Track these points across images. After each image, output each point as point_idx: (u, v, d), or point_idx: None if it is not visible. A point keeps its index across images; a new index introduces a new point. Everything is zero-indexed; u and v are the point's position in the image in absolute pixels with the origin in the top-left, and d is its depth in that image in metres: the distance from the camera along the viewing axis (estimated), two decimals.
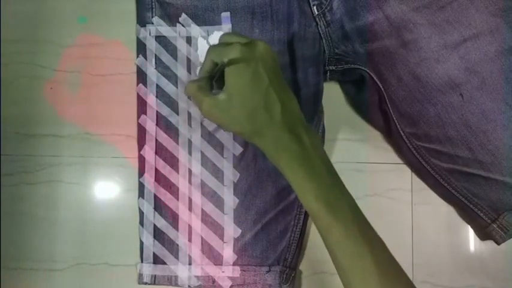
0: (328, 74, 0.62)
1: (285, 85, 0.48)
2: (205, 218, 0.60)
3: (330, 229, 0.43)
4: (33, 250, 0.63)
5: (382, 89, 0.59)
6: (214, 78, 0.49)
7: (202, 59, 0.61)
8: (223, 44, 0.48)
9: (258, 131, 0.46)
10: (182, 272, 0.60)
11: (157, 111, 0.61)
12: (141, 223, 0.61)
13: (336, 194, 0.45)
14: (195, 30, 0.62)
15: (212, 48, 0.49)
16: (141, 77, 0.62)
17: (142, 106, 0.62)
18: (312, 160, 0.45)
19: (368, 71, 0.59)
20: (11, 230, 0.63)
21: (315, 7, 0.60)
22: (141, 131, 0.62)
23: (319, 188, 0.44)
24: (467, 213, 0.60)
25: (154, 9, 0.62)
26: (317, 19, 0.60)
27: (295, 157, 0.45)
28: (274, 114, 0.45)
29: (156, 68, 0.62)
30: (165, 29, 0.62)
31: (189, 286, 0.60)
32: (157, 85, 0.62)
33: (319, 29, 0.60)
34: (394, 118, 0.59)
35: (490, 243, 0.61)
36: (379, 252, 0.44)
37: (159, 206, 0.61)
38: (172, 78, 0.62)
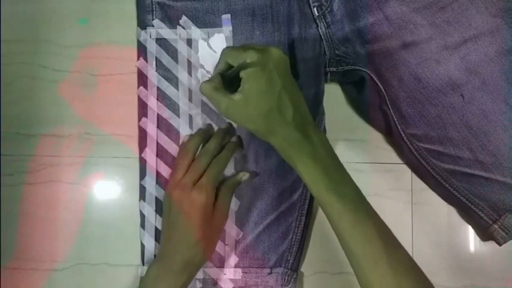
0: (329, 75, 0.62)
1: (296, 88, 0.52)
2: None
3: (341, 217, 0.47)
4: (33, 250, 0.63)
5: (383, 90, 0.59)
6: (227, 78, 0.52)
7: (203, 61, 0.61)
8: (239, 48, 0.51)
9: (271, 130, 0.49)
10: None
11: (158, 114, 0.61)
12: (143, 226, 0.61)
13: (344, 185, 0.49)
14: (196, 32, 0.62)
15: (228, 50, 0.52)
16: (142, 79, 0.62)
17: (143, 109, 0.62)
18: (321, 155, 0.49)
19: (368, 72, 0.59)
20: (11, 230, 0.63)
21: (315, 8, 0.60)
22: (142, 134, 0.62)
23: (329, 180, 0.48)
24: (469, 214, 0.60)
25: (154, 12, 0.62)
26: (317, 20, 0.60)
27: (306, 153, 0.49)
28: (286, 115, 0.49)
29: (156, 71, 0.62)
30: (166, 32, 0.62)
31: None
32: (158, 88, 0.62)
33: (320, 30, 0.60)
34: (395, 119, 0.59)
35: (490, 243, 0.62)
36: (386, 236, 0.47)
37: (160, 208, 0.61)
38: (173, 80, 0.62)
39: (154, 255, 0.60)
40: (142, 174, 0.61)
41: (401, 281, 0.45)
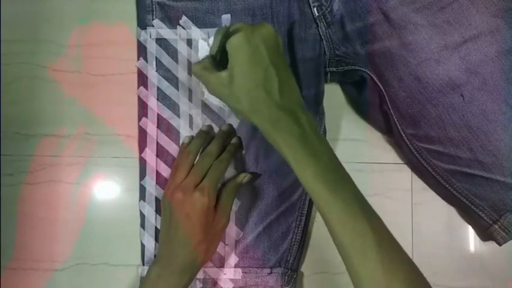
0: (329, 75, 0.62)
1: (286, 67, 0.49)
2: None
3: (330, 206, 0.44)
4: (33, 250, 0.63)
5: (383, 90, 0.59)
6: (217, 57, 0.51)
7: None
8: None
9: (256, 108, 0.47)
10: None
11: (158, 114, 0.61)
12: (143, 226, 0.61)
13: (335, 172, 0.46)
14: (196, 32, 0.62)
15: (219, 29, 0.51)
16: (142, 79, 0.62)
17: (143, 109, 0.62)
18: (310, 139, 0.46)
19: (369, 72, 0.59)
20: (11, 230, 0.63)
21: (315, 8, 0.60)
22: (142, 134, 0.62)
23: (318, 166, 0.45)
24: (469, 214, 0.60)
25: (154, 12, 0.62)
26: (317, 20, 0.60)
27: (294, 135, 0.46)
28: (272, 92, 0.47)
29: (157, 71, 0.62)
30: (166, 32, 0.62)
31: None
32: (158, 88, 0.62)
33: (320, 30, 0.60)
34: (395, 119, 0.59)
35: (490, 243, 0.62)
36: (379, 229, 0.44)
37: (160, 208, 0.60)
38: (173, 80, 0.62)
39: (155, 255, 0.60)
40: (142, 174, 0.61)
41: (391, 279, 0.42)
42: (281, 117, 0.46)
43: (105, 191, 0.63)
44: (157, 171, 0.61)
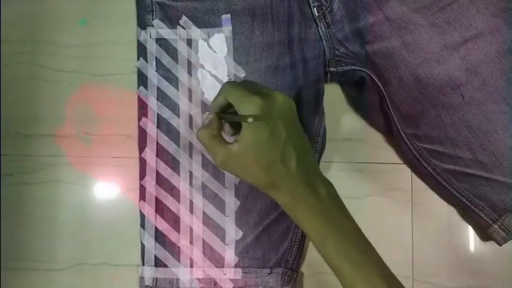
0: (329, 75, 0.62)
1: (303, 136, 0.47)
2: (207, 220, 0.60)
3: (354, 285, 0.42)
4: (33, 250, 0.63)
5: (383, 90, 0.59)
6: (226, 121, 0.48)
7: (203, 61, 0.62)
8: (242, 88, 0.45)
9: (274, 184, 0.45)
10: (184, 274, 0.60)
11: (158, 114, 0.61)
12: (142, 226, 0.61)
13: (358, 247, 0.44)
14: (196, 32, 0.62)
15: (230, 88, 0.46)
16: (142, 79, 0.62)
17: (143, 109, 0.62)
18: (329, 212, 0.44)
19: (369, 72, 0.59)
20: (11, 230, 0.63)
21: (315, 9, 0.60)
22: (142, 134, 0.62)
23: (340, 242, 0.43)
24: (469, 214, 0.60)
25: (154, 12, 0.62)
26: (317, 21, 0.60)
27: (313, 210, 0.44)
28: (290, 167, 0.44)
29: (156, 71, 0.62)
30: (166, 32, 0.62)
31: None
32: (158, 88, 0.62)
33: (320, 30, 0.60)
34: (395, 119, 0.59)
35: (490, 243, 0.62)
36: None
37: (160, 208, 0.61)
38: (173, 80, 0.62)
39: (155, 255, 0.60)
40: (142, 174, 0.61)
41: None
42: (299, 190, 0.44)
43: (105, 191, 0.63)
44: (157, 171, 0.61)
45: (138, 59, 0.62)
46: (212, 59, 0.62)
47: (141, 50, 0.62)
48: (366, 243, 0.45)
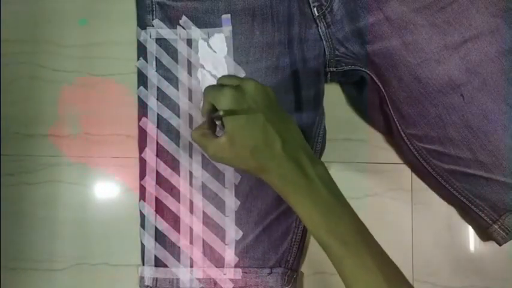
0: (329, 75, 0.62)
1: (285, 117, 0.49)
2: (207, 220, 0.60)
3: (343, 261, 0.43)
4: (33, 250, 0.63)
5: (383, 90, 0.59)
6: (216, 121, 0.50)
7: (203, 61, 0.62)
8: (216, 86, 0.49)
9: (262, 167, 0.46)
10: (184, 274, 0.60)
11: (158, 114, 0.61)
12: (142, 226, 0.61)
13: (346, 225, 0.44)
14: (196, 32, 0.62)
15: (208, 89, 0.49)
16: (142, 79, 0.62)
17: (143, 108, 0.62)
18: (318, 191, 0.45)
19: (369, 72, 0.59)
20: (11, 230, 0.63)
21: (315, 8, 0.60)
22: (142, 134, 0.62)
23: (329, 220, 0.44)
24: (469, 214, 0.60)
25: (154, 12, 0.62)
26: (317, 21, 0.60)
27: (302, 190, 0.45)
28: (275, 149, 0.46)
29: (156, 71, 0.62)
30: (166, 32, 0.62)
31: None
32: (158, 88, 0.62)
33: (320, 30, 0.60)
34: (395, 119, 0.59)
35: (490, 243, 0.62)
36: (396, 282, 0.43)
37: (160, 208, 0.61)
38: (173, 80, 0.62)
39: (155, 255, 0.60)
40: (142, 174, 0.61)
41: None
42: (287, 171, 0.45)
43: (105, 191, 0.63)
44: (157, 171, 0.61)
45: (138, 59, 0.62)
46: (212, 59, 0.62)
47: (141, 50, 0.62)
48: (358, 224, 0.45)
